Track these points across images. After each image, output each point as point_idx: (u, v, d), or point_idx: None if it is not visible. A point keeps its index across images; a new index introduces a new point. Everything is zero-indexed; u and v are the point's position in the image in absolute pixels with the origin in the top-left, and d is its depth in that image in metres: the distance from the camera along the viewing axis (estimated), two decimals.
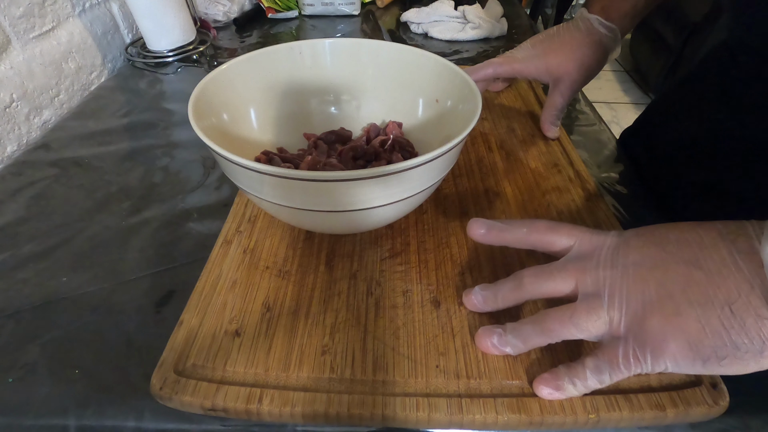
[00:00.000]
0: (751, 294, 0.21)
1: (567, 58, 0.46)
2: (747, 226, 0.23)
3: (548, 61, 0.46)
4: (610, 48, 0.46)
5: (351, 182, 0.27)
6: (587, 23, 0.46)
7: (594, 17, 0.45)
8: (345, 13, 0.86)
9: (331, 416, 0.26)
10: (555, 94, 0.47)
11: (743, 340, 0.21)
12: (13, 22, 0.52)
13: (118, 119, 0.56)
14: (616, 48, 0.47)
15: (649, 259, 0.25)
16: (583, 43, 0.45)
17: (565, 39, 0.46)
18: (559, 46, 0.46)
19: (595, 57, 0.46)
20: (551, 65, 0.46)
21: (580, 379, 0.25)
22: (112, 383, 0.29)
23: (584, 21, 0.46)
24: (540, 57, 0.47)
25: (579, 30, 0.46)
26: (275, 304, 0.31)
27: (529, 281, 0.28)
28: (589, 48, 0.45)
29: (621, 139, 0.56)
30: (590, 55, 0.45)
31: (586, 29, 0.46)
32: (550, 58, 0.46)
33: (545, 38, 0.48)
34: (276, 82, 0.42)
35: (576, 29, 0.46)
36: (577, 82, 0.46)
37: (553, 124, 0.48)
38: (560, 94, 0.47)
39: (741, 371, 0.22)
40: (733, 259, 0.22)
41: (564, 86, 0.46)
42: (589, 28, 0.46)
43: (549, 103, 0.48)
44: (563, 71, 0.46)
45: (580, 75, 0.46)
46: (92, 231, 0.40)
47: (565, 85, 0.46)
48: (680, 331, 0.23)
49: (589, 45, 0.45)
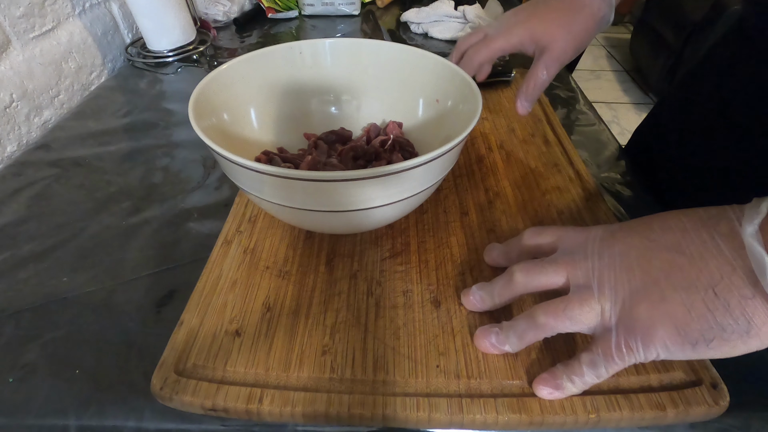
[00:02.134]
0: (734, 275, 0.21)
1: (553, 24, 0.40)
2: (728, 210, 0.23)
3: (532, 28, 0.41)
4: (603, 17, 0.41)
5: (351, 182, 0.27)
6: None
7: None
8: (345, 13, 0.86)
9: (332, 416, 0.26)
10: (539, 66, 0.41)
11: (728, 321, 0.22)
12: (13, 22, 0.52)
13: (118, 119, 0.56)
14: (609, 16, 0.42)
15: (634, 248, 0.25)
16: (573, 7, 0.41)
17: (552, 3, 0.41)
18: (545, 12, 0.41)
19: (586, 25, 0.41)
20: (536, 32, 0.41)
21: (577, 375, 0.25)
22: (112, 383, 0.29)
23: None
24: (522, 23, 0.41)
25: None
26: (275, 304, 0.31)
27: (521, 275, 0.28)
28: (579, 14, 0.41)
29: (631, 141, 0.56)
30: (580, 22, 0.41)
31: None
32: (534, 23, 0.41)
33: (529, 5, 0.42)
34: (276, 82, 0.42)
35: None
36: (565, 52, 0.41)
37: (529, 101, 0.42)
38: (545, 65, 0.41)
39: (730, 353, 0.23)
40: (715, 243, 0.22)
41: (549, 57, 0.41)
42: None
43: (530, 76, 0.41)
44: (549, 38, 0.40)
45: (568, 44, 0.41)
46: (92, 231, 0.40)
47: (552, 56, 0.41)
48: (667, 317, 0.23)
49: (579, 10, 0.41)
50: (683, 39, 1.82)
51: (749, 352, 0.22)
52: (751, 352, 0.22)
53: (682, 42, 1.83)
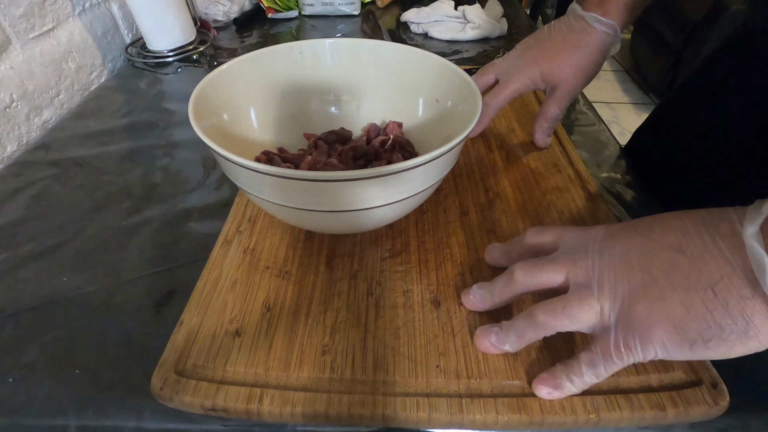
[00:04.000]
0: (733, 275, 0.21)
1: (563, 63, 0.42)
2: (730, 211, 0.23)
3: (542, 69, 0.43)
4: (609, 46, 0.43)
5: (351, 182, 0.27)
6: (582, 22, 0.42)
7: (590, 15, 0.41)
8: (345, 13, 0.86)
9: (332, 416, 0.26)
10: (550, 103, 0.44)
11: (727, 320, 0.22)
12: (13, 22, 0.52)
13: (118, 119, 0.56)
14: (616, 45, 0.43)
15: (635, 248, 0.25)
16: (579, 44, 0.42)
17: (558, 42, 0.43)
18: (552, 52, 0.43)
19: (593, 59, 0.42)
20: (546, 72, 0.42)
21: (576, 375, 0.25)
22: (112, 383, 0.29)
23: (578, 20, 0.42)
24: (532, 65, 0.43)
25: (573, 30, 0.42)
26: (275, 304, 0.31)
27: (522, 273, 0.28)
28: (585, 50, 0.42)
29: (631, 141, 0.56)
30: (587, 58, 0.42)
31: (580, 29, 0.42)
32: (543, 65, 0.42)
33: (535, 43, 0.44)
34: (276, 82, 0.42)
35: (569, 30, 0.42)
36: (575, 88, 0.43)
37: (546, 134, 0.45)
38: (556, 102, 0.43)
39: (728, 354, 0.22)
40: (716, 243, 0.22)
41: (560, 94, 0.43)
42: (584, 27, 0.42)
43: (543, 112, 0.44)
44: (559, 78, 0.42)
45: (578, 80, 0.43)
46: (92, 231, 0.40)
47: (562, 93, 0.43)
48: (665, 316, 0.23)
49: (585, 46, 0.42)
50: (683, 39, 1.82)
51: (748, 353, 0.22)
52: (750, 353, 0.22)
53: (682, 42, 1.83)
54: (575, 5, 0.44)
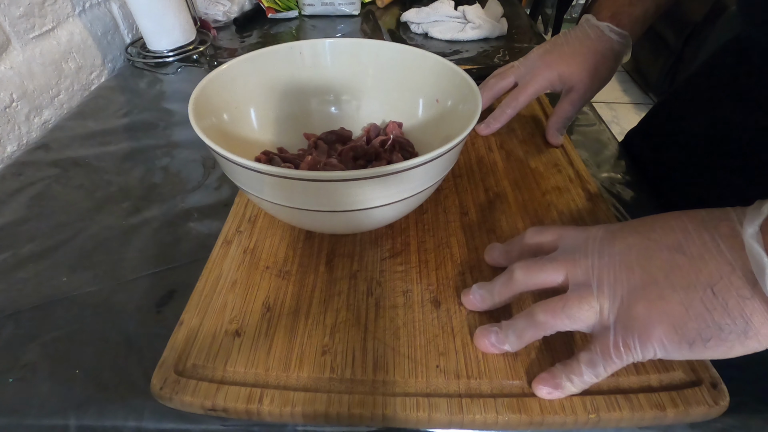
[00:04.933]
0: (733, 275, 0.21)
1: (580, 67, 0.44)
2: (730, 211, 0.23)
3: (560, 71, 0.45)
4: (622, 55, 0.45)
5: (351, 182, 0.27)
6: (597, 30, 0.45)
7: (604, 24, 0.44)
8: (345, 13, 0.86)
9: (332, 416, 0.26)
10: (565, 103, 0.46)
11: (726, 320, 0.22)
12: (13, 22, 0.52)
13: (118, 119, 0.56)
14: (627, 53, 0.46)
15: (635, 248, 0.25)
16: (596, 51, 0.44)
17: (576, 47, 0.45)
18: (570, 56, 0.45)
19: (608, 65, 0.45)
20: (564, 75, 0.45)
21: (576, 374, 0.25)
22: (112, 383, 0.29)
23: (593, 28, 0.45)
24: (550, 67, 0.45)
25: (589, 38, 0.45)
26: (275, 304, 0.31)
27: (521, 273, 0.28)
28: (602, 56, 0.44)
29: (626, 139, 0.56)
30: (603, 63, 0.44)
31: (596, 37, 0.45)
32: (562, 68, 0.45)
33: (553, 47, 0.46)
34: (276, 82, 0.42)
35: (585, 37, 0.45)
36: (591, 90, 0.46)
37: (559, 132, 0.47)
38: (571, 103, 0.46)
39: (727, 354, 0.22)
40: (715, 243, 0.22)
41: (576, 95, 0.45)
42: (600, 35, 0.44)
43: (558, 111, 0.47)
44: (577, 80, 0.45)
45: (593, 83, 0.45)
46: (92, 231, 0.40)
47: (578, 94, 0.45)
48: (665, 315, 0.23)
49: (601, 53, 0.44)
50: (683, 39, 1.82)
51: (747, 353, 0.22)
52: (749, 353, 0.22)
53: (682, 42, 1.83)
54: (589, 16, 0.46)
